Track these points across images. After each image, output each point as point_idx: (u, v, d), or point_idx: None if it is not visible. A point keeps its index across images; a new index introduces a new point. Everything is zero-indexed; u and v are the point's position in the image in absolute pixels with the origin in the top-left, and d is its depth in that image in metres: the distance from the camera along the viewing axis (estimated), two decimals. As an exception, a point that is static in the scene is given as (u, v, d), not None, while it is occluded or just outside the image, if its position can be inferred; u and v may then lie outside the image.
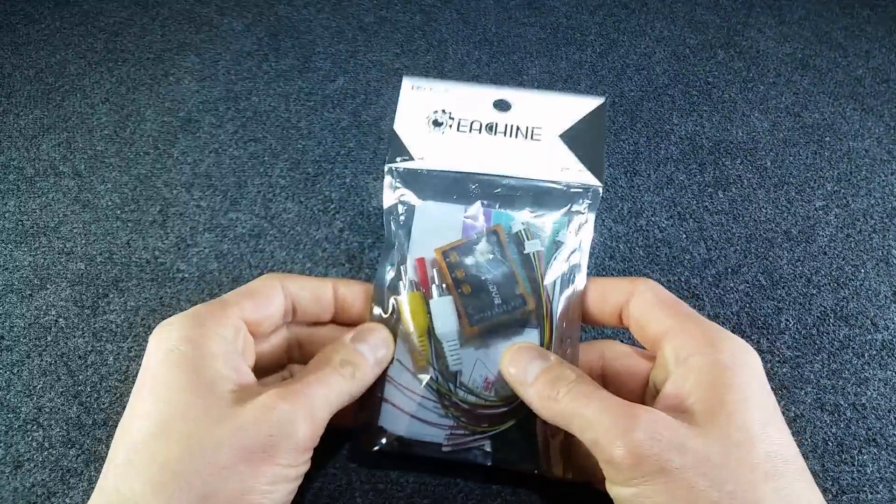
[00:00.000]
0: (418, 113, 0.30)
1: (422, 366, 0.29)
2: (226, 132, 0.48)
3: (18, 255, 0.40)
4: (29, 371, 0.35)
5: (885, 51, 0.62)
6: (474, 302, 0.28)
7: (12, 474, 0.31)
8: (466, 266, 0.29)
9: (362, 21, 0.61)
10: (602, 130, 0.31)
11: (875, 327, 0.39)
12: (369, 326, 0.28)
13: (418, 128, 0.30)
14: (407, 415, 0.28)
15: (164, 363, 0.23)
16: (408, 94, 0.30)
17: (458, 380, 0.28)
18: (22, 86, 0.52)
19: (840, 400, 0.36)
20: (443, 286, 0.28)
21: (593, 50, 0.60)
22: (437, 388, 0.28)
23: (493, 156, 0.30)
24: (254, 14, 0.61)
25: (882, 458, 0.34)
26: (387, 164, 0.29)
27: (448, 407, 0.28)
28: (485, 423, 0.28)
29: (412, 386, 0.29)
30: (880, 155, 0.50)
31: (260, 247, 0.41)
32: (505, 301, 0.29)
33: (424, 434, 0.28)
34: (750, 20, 0.65)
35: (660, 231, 0.43)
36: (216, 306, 0.26)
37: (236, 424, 0.22)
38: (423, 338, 0.28)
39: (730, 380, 0.23)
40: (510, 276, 0.29)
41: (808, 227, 0.44)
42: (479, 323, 0.28)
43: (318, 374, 0.25)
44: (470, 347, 0.29)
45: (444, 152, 0.30)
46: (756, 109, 0.54)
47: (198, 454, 0.21)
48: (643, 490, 0.21)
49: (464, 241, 0.29)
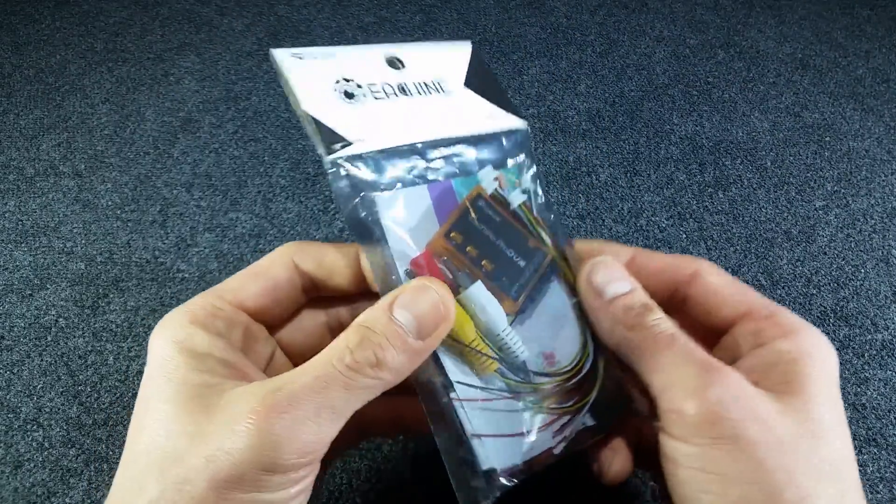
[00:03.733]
0: (321, 88, 0.24)
1: (490, 372, 0.24)
2: (226, 132, 0.48)
3: (18, 255, 0.40)
4: (29, 371, 0.35)
5: (885, 51, 0.62)
6: (504, 275, 0.25)
7: (12, 474, 0.31)
8: (475, 241, 0.25)
9: (362, 21, 0.61)
10: (491, 73, 0.29)
11: (875, 327, 0.39)
12: (420, 285, 0.22)
13: (333, 105, 0.24)
14: (506, 438, 0.23)
15: (155, 372, 0.22)
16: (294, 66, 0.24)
17: (527, 369, 0.24)
18: (22, 86, 0.52)
19: (840, 400, 0.36)
20: (466, 272, 0.24)
21: (593, 50, 0.60)
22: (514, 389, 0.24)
23: (422, 118, 0.26)
24: (254, 14, 0.61)
25: (882, 458, 0.34)
26: (327, 158, 0.23)
27: (536, 402, 0.24)
28: (576, 397, 0.25)
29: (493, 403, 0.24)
30: (880, 155, 0.50)
31: (260, 247, 0.41)
32: (528, 260, 0.25)
33: (534, 447, 0.24)
34: (750, 20, 0.65)
35: (660, 231, 0.43)
36: (210, 297, 0.23)
37: (208, 447, 0.19)
38: (478, 340, 0.24)
39: (811, 371, 0.21)
40: (517, 233, 0.26)
41: (808, 227, 0.44)
42: (520, 293, 0.25)
43: (317, 373, 0.20)
44: (515, 326, 0.25)
45: (376, 127, 0.25)
46: (756, 109, 0.54)
47: (171, 484, 0.19)
48: (708, 452, 0.20)
49: (455, 218, 0.25)
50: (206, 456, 0.19)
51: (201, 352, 0.22)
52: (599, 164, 0.47)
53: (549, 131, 0.50)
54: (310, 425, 0.19)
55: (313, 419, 0.19)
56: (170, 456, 0.19)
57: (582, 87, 0.55)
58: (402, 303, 0.21)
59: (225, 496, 0.18)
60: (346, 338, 0.20)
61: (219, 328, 0.23)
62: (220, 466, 0.18)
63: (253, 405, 0.19)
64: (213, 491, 0.18)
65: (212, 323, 0.23)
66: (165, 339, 0.22)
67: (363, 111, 0.25)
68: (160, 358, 0.22)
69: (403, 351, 0.20)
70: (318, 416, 0.19)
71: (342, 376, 0.19)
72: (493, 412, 0.23)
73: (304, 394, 0.19)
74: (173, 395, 0.21)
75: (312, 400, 0.19)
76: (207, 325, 0.22)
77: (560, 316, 0.26)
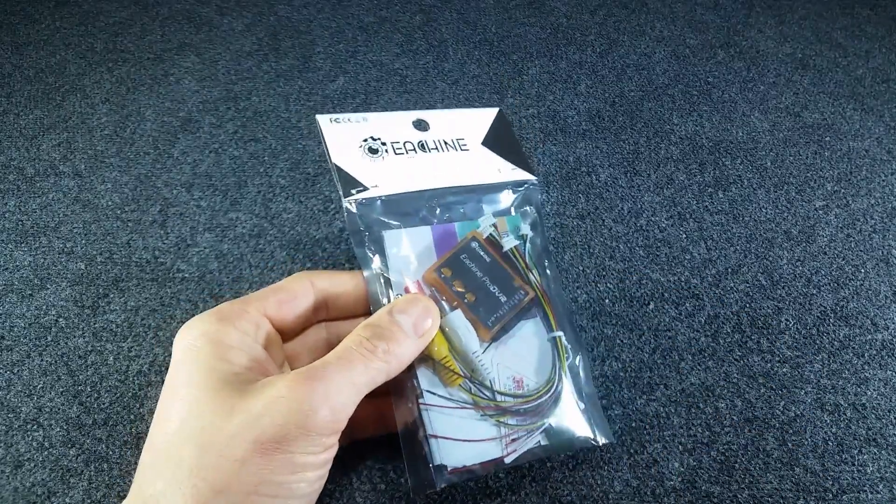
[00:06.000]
0: (349, 144, 0.30)
1: (456, 385, 0.28)
2: (226, 132, 0.48)
3: (18, 255, 0.40)
4: (29, 371, 0.35)
5: (885, 51, 0.62)
6: (483, 306, 0.29)
7: (12, 474, 0.31)
8: (462, 276, 0.29)
9: (362, 21, 0.61)
10: (512, 133, 0.34)
11: (875, 327, 0.39)
12: (412, 297, 0.27)
13: (357, 158, 0.30)
14: (460, 442, 0.27)
15: (183, 361, 0.24)
16: (330, 128, 0.30)
17: (492, 388, 0.28)
18: (22, 86, 0.52)
19: (840, 400, 0.36)
20: (449, 301, 0.29)
21: (593, 50, 0.60)
22: (478, 402, 0.28)
23: (436, 171, 0.31)
24: (254, 14, 0.61)
25: (882, 458, 0.34)
26: (344, 200, 0.28)
27: (496, 417, 0.28)
28: (535, 418, 0.28)
29: (454, 411, 0.28)
30: (880, 155, 0.50)
31: (260, 247, 0.41)
32: (508, 296, 0.29)
33: (484, 454, 0.27)
34: (750, 20, 0.65)
35: (660, 231, 0.43)
36: (238, 303, 0.26)
37: (249, 416, 0.22)
38: (448, 356, 0.28)
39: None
40: (503, 273, 0.30)
41: (808, 227, 0.44)
42: (495, 324, 0.29)
43: (342, 353, 0.24)
44: (490, 351, 0.29)
45: (392, 176, 0.30)
46: (756, 109, 0.54)
47: (211, 449, 0.21)
48: None
49: (448, 255, 0.29)
50: (246, 423, 0.21)
51: (229, 344, 0.24)
52: (599, 164, 0.47)
53: (549, 131, 0.50)
54: (338, 394, 0.23)
55: (341, 389, 0.23)
56: (207, 429, 0.22)
57: (582, 87, 0.55)
58: (399, 309, 0.26)
59: (267, 456, 0.21)
60: (360, 332, 0.25)
61: (245, 328, 0.25)
62: (264, 429, 0.21)
63: (289, 379, 0.22)
64: (256, 452, 0.21)
65: (239, 322, 0.25)
66: (193, 333, 0.24)
67: (383, 164, 0.30)
68: (188, 347, 0.24)
69: (404, 343, 0.25)
70: (344, 387, 0.23)
71: (362, 357, 0.24)
72: (453, 418, 0.27)
73: (333, 368, 0.23)
74: (203, 381, 0.23)
75: (339, 373, 0.23)
76: (235, 324, 0.25)
77: (534, 347, 0.30)
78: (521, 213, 0.32)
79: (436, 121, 0.32)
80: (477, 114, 0.34)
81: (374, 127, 0.31)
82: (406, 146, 0.31)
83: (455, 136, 0.33)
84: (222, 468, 0.21)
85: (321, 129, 0.30)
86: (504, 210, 0.32)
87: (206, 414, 0.22)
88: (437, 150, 0.32)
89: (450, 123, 0.33)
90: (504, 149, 0.33)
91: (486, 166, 0.32)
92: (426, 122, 0.32)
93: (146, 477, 0.22)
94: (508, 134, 0.34)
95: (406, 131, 0.32)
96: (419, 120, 0.32)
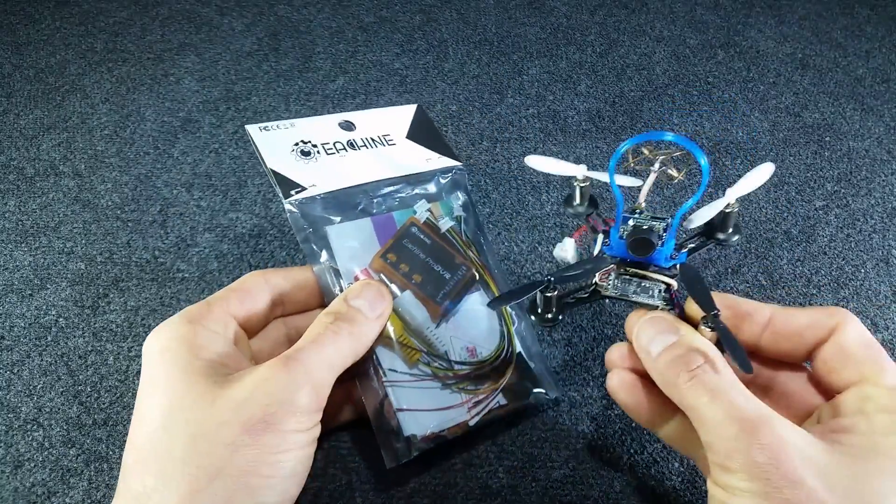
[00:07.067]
0: (282, 149, 0.31)
1: (415, 360, 0.30)
2: (226, 132, 0.48)
3: (18, 255, 0.40)
4: (29, 371, 0.35)
5: (885, 51, 0.62)
6: (430, 284, 0.31)
7: (12, 474, 0.31)
8: (407, 259, 0.31)
9: (362, 21, 0.61)
10: (433, 125, 0.37)
11: (875, 327, 0.39)
12: (363, 283, 0.29)
13: (291, 161, 0.31)
14: (426, 412, 0.29)
15: (159, 363, 0.24)
16: (260, 136, 0.32)
17: (448, 359, 0.31)
18: (22, 86, 0.52)
19: (840, 400, 0.36)
20: (398, 284, 0.31)
21: (593, 50, 0.60)
22: (437, 374, 0.30)
23: (368, 166, 0.33)
24: (254, 14, 0.61)
25: (882, 458, 0.34)
26: (285, 201, 0.30)
27: (456, 384, 0.30)
28: (491, 381, 0.31)
29: (416, 384, 0.30)
30: (880, 155, 0.50)
31: (260, 247, 0.41)
32: (452, 273, 0.32)
33: (450, 420, 0.30)
34: (750, 20, 0.65)
35: (660, 231, 0.43)
36: (202, 305, 0.27)
37: (234, 402, 0.22)
38: (404, 335, 0.30)
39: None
40: (445, 252, 0.32)
41: (808, 227, 0.44)
42: (444, 299, 0.31)
43: (313, 337, 0.25)
44: (441, 325, 0.31)
45: (327, 175, 0.31)
46: (756, 109, 0.54)
47: (201, 437, 0.22)
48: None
49: (392, 242, 0.31)
50: (233, 409, 0.22)
51: (200, 343, 0.25)
52: (599, 164, 0.47)
53: (549, 131, 0.50)
54: (317, 371, 0.24)
55: (319, 367, 0.24)
56: (193, 420, 0.22)
57: (582, 87, 0.55)
58: (354, 294, 0.28)
59: (258, 438, 0.22)
60: (323, 319, 0.27)
61: (214, 327, 0.26)
62: (252, 412, 0.22)
63: (269, 365, 0.24)
64: (247, 435, 0.22)
65: (208, 322, 0.26)
66: (166, 336, 0.25)
67: (316, 164, 0.32)
68: (162, 349, 0.24)
69: (364, 324, 0.27)
70: (321, 365, 0.24)
71: (331, 339, 0.25)
72: (416, 391, 0.29)
73: (308, 351, 0.25)
74: (181, 377, 0.23)
75: (315, 354, 0.25)
76: (204, 324, 0.25)
77: (481, 317, 0.32)
78: (452, 197, 0.34)
79: (360, 120, 0.34)
80: (398, 111, 0.36)
81: (302, 131, 0.32)
82: (336, 146, 0.33)
83: (380, 133, 0.35)
84: (215, 454, 0.21)
85: (252, 137, 0.31)
86: (436, 195, 0.34)
87: (189, 407, 0.22)
88: (366, 147, 0.34)
89: (374, 122, 0.35)
90: (428, 140, 0.36)
91: (414, 157, 0.34)
92: (352, 122, 0.34)
93: (133, 476, 0.22)
94: (430, 126, 0.36)
95: (334, 132, 0.33)
96: (345, 121, 0.34)
